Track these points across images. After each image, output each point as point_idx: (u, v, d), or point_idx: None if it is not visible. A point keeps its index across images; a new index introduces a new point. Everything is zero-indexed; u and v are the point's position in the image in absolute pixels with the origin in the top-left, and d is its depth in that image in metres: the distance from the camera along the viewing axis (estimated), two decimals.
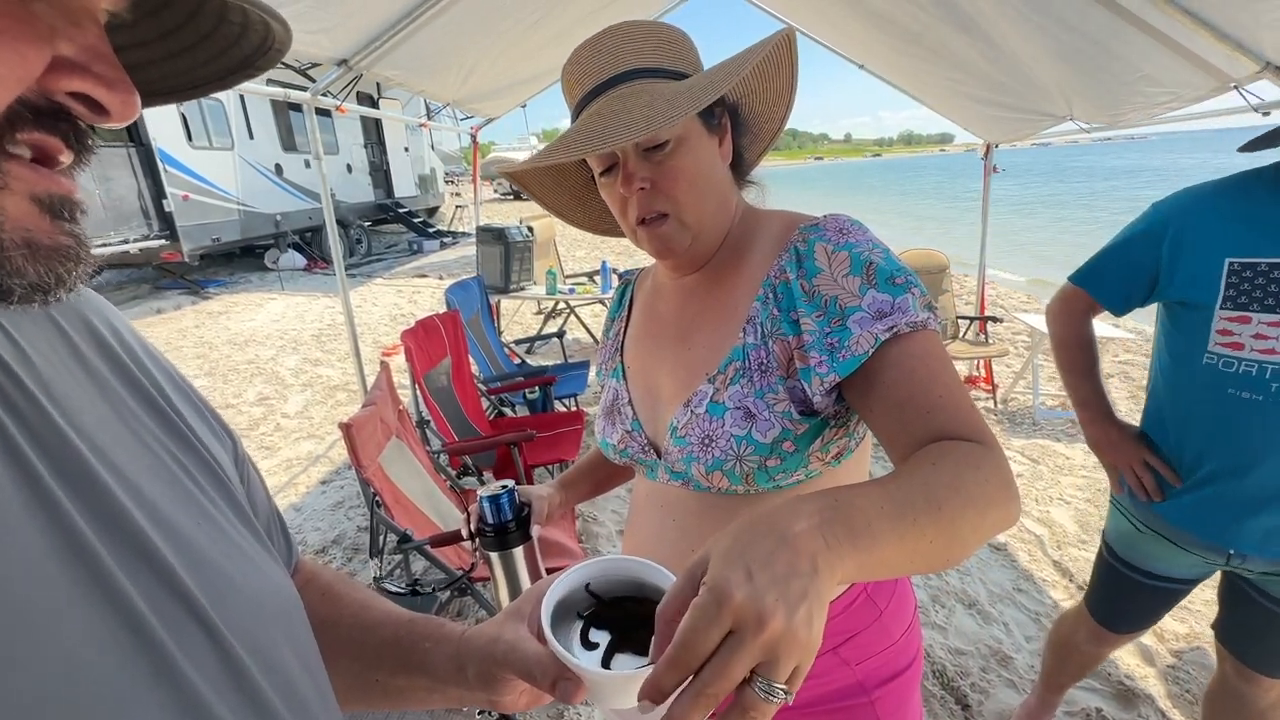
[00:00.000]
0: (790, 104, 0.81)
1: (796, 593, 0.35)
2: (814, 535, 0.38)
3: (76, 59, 0.28)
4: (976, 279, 4.67)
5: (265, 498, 0.52)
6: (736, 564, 0.36)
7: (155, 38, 0.34)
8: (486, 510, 0.82)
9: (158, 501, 0.36)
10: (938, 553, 0.46)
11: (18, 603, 0.27)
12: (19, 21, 0.26)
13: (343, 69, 2.78)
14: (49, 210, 0.28)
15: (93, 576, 0.30)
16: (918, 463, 0.53)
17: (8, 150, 0.27)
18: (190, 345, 6.68)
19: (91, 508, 0.32)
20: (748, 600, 0.34)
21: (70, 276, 0.30)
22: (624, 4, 3.78)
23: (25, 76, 0.26)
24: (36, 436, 0.32)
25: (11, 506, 0.29)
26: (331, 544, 2.95)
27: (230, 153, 9.76)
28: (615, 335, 0.94)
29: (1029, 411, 4.16)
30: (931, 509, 0.46)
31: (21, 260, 0.27)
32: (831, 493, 0.43)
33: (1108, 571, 1.45)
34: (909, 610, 0.83)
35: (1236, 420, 1.16)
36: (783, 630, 0.34)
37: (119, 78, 0.29)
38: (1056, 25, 2.39)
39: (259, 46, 0.35)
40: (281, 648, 0.39)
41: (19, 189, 0.27)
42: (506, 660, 0.46)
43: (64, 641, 0.28)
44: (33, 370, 0.34)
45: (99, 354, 0.40)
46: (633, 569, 0.49)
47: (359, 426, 1.88)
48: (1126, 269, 1.29)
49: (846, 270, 0.66)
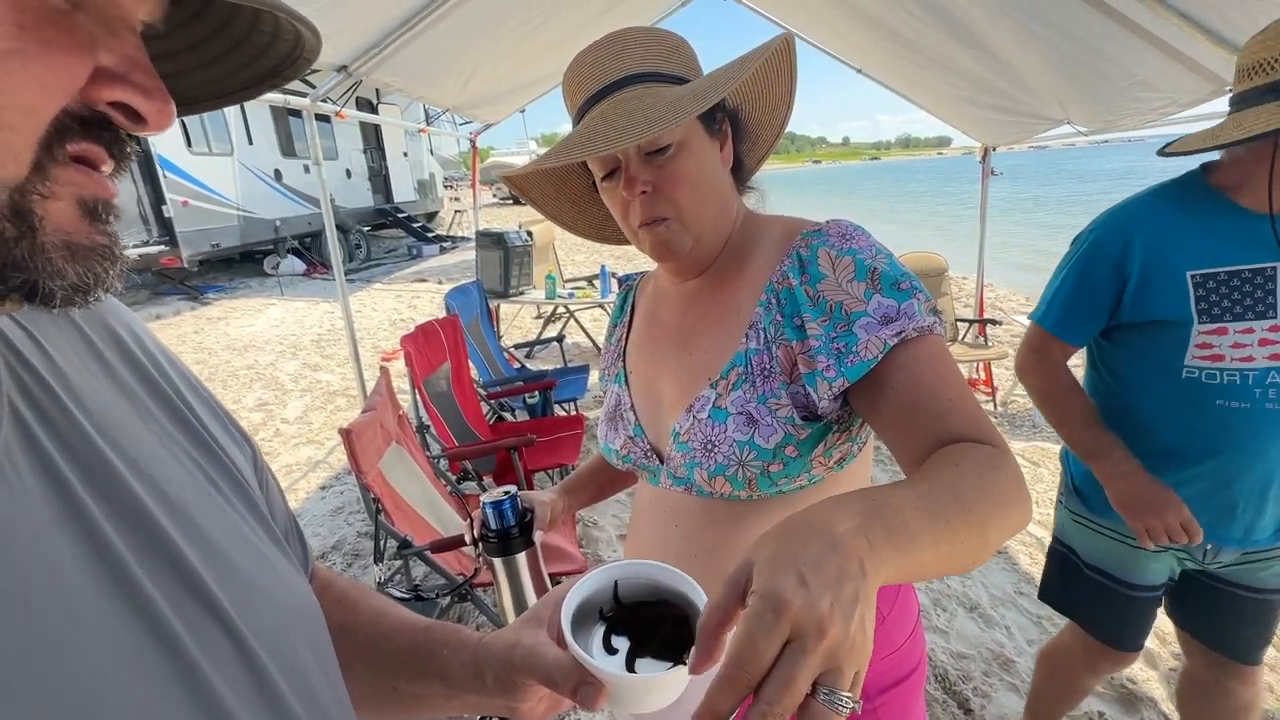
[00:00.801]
0: (789, 110, 0.82)
1: (850, 596, 0.34)
2: (859, 536, 0.38)
3: (116, 69, 0.28)
4: (975, 281, 4.68)
5: (283, 505, 0.52)
6: (788, 570, 0.34)
7: (186, 48, 0.35)
8: (489, 516, 0.82)
9: (183, 506, 0.36)
10: (968, 554, 0.46)
11: (46, 610, 0.27)
12: (64, 32, 0.26)
13: (342, 75, 2.79)
14: (90, 213, 0.29)
15: (119, 583, 0.30)
16: (942, 464, 0.53)
17: (57, 159, 0.27)
18: (189, 351, 6.67)
19: (119, 513, 0.32)
20: (805, 607, 0.32)
21: (108, 276, 0.30)
22: (622, 10, 3.80)
23: (71, 86, 0.27)
24: (65, 442, 0.32)
25: (41, 513, 0.29)
26: (331, 549, 2.95)
27: (230, 158, 9.77)
28: (617, 340, 0.94)
29: (1029, 414, 4.16)
30: (963, 510, 0.46)
31: (62, 262, 0.28)
32: (868, 493, 0.43)
33: (1102, 592, 1.38)
34: (912, 616, 0.83)
35: (1228, 429, 1.15)
36: (843, 636, 0.32)
37: (156, 86, 0.30)
38: (1051, 31, 2.40)
39: (288, 55, 0.35)
40: (303, 653, 0.40)
41: (66, 194, 0.28)
42: (526, 665, 0.46)
43: (91, 650, 0.28)
44: (59, 375, 0.34)
45: (122, 360, 0.40)
46: (650, 572, 0.49)
47: (359, 432, 1.88)
48: (1092, 302, 1.24)
49: (851, 275, 0.67)
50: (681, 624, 0.47)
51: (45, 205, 0.27)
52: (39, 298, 0.28)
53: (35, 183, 0.26)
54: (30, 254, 0.26)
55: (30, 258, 0.26)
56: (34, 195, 0.26)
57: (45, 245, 0.27)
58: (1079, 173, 47.47)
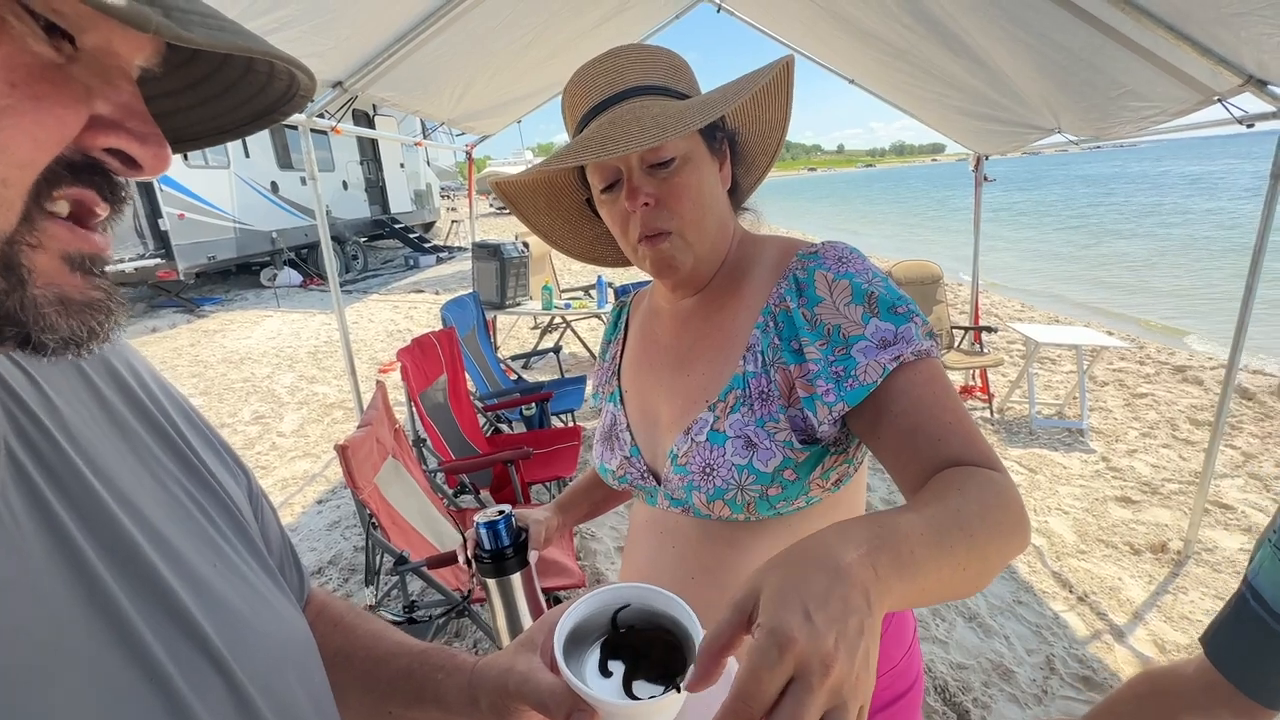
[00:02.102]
0: (784, 135, 0.83)
1: (855, 630, 0.34)
2: (865, 566, 0.37)
3: (112, 116, 0.29)
4: (970, 289, 4.70)
5: (279, 532, 0.52)
6: (793, 603, 0.34)
7: (184, 88, 0.35)
8: (483, 536, 0.81)
9: (176, 545, 0.37)
10: (969, 580, 0.47)
11: (40, 653, 0.27)
12: (57, 87, 0.26)
13: (338, 91, 2.80)
14: (79, 268, 0.29)
15: (112, 624, 0.31)
16: (944, 489, 0.53)
17: (46, 209, 0.27)
18: (185, 364, 6.65)
19: (113, 554, 0.32)
20: (810, 643, 0.32)
21: (103, 329, 0.30)
22: (616, 23, 3.83)
23: (64, 138, 0.27)
24: (59, 483, 0.32)
25: (35, 554, 0.29)
26: (328, 564, 2.93)
27: (226, 171, 9.79)
28: (612, 358, 0.94)
29: (1025, 420, 4.16)
30: (966, 537, 0.46)
31: (55, 316, 0.28)
32: (874, 520, 0.43)
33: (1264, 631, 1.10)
34: (909, 632, 0.83)
35: None
36: (848, 672, 0.32)
37: (151, 132, 0.30)
38: (1040, 41, 2.43)
39: (284, 94, 0.35)
40: (295, 690, 0.40)
41: (52, 247, 0.28)
42: (520, 692, 0.46)
43: (84, 691, 0.28)
44: (56, 414, 0.35)
45: (120, 396, 0.41)
46: (645, 597, 0.49)
47: (355, 448, 1.87)
48: None
49: (848, 299, 0.67)
50: (675, 650, 0.47)
51: (33, 256, 0.27)
52: (31, 347, 0.28)
53: (23, 233, 0.26)
54: (22, 307, 0.27)
55: (22, 310, 0.27)
56: (22, 247, 0.26)
57: (37, 299, 0.27)
58: (1069, 178, 47.89)
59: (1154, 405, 4.42)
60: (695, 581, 0.74)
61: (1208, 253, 12.45)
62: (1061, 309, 8.37)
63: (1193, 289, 9.58)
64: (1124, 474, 3.48)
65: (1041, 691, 2.04)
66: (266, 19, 2.04)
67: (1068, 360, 5.26)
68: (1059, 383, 4.89)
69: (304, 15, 2.16)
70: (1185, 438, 3.89)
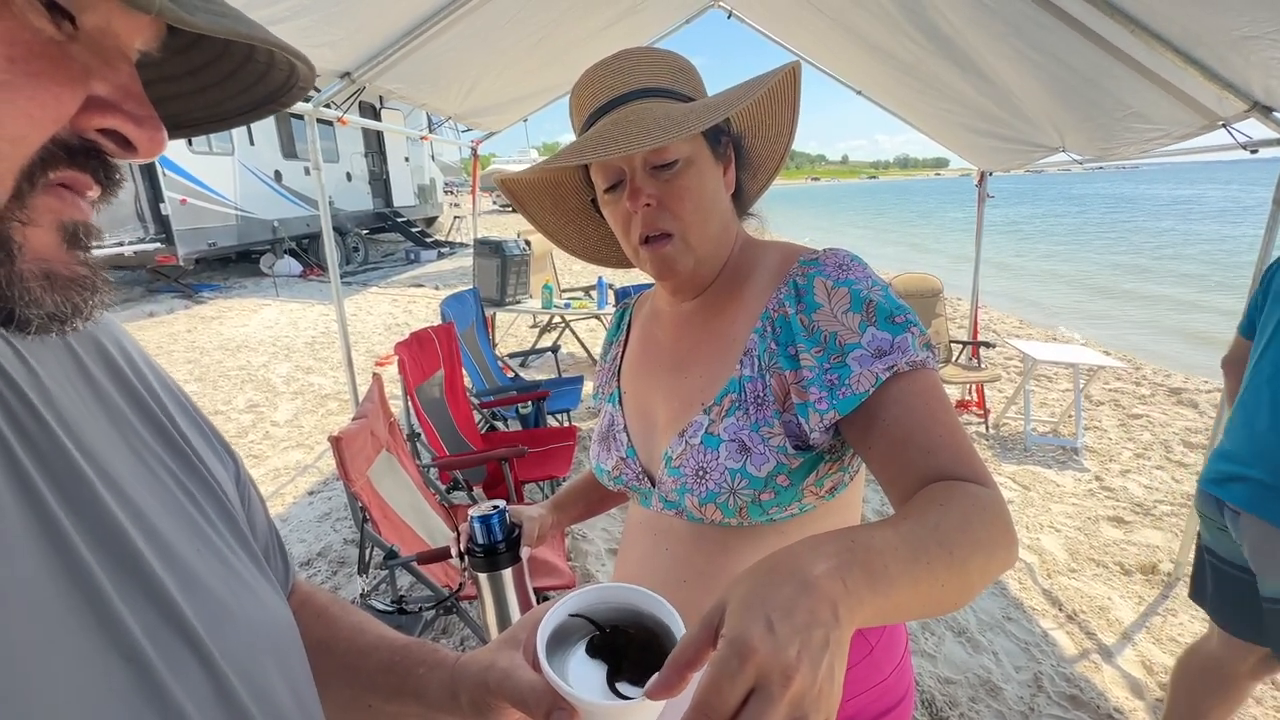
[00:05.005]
0: (790, 141, 0.83)
1: (819, 643, 0.34)
2: (834, 579, 0.37)
3: (109, 97, 0.29)
4: (969, 303, 4.71)
5: (265, 520, 0.52)
6: (756, 614, 0.34)
7: (183, 73, 0.35)
8: (477, 530, 0.81)
9: (159, 526, 0.36)
10: (948, 597, 0.46)
11: (14, 629, 0.27)
12: (55, 65, 0.26)
13: (345, 81, 2.80)
14: (70, 238, 0.29)
15: (91, 603, 0.30)
16: (926, 504, 0.52)
17: (37, 187, 0.27)
18: (181, 350, 6.63)
19: (94, 533, 0.32)
20: (771, 654, 0.32)
21: (87, 306, 0.30)
22: (626, 25, 3.84)
23: (60, 117, 0.27)
24: (43, 459, 0.32)
25: (14, 529, 0.29)
26: (317, 556, 2.91)
27: (230, 158, 9.78)
28: (613, 359, 0.94)
29: (1020, 437, 4.17)
30: (944, 552, 0.46)
31: (40, 291, 0.28)
32: (848, 534, 0.42)
33: (1245, 589, 1.42)
34: (899, 646, 0.82)
35: None
36: (809, 684, 0.32)
37: (148, 114, 0.30)
38: (1048, 61, 2.44)
39: (283, 83, 0.36)
40: (273, 676, 0.40)
41: (46, 220, 0.28)
42: (500, 689, 0.46)
43: (59, 669, 0.28)
44: (43, 392, 0.34)
45: (108, 376, 0.41)
46: (629, 597, 0.49)
47: (349, 440, 1.87)
48: None
49: (846, 307, 0.67)
50: (659, 652, 0.46)
51: (24, 232, 0.27)
52: (14, 324, 0.28)
53: (14, 209, 0.26)
54: (8, 282, 0.27)
55: (8, 285, 0.27)
56: (12, 222, 0.26)
57: (23, 273, 0.27)
58: (1075, 197, 48.16)
59: (1149, 426, 4.43)
60: (687, 585, 0.74)
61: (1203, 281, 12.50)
62: (1061, 322, 8.42)
63: (1188, 307, 9.63)
64: (1117, 494, 3.49)
65: (1028, 709, 2.04)
66: (278, 7, 2.04)
67: (1064, 378, 5.27)
68: (1055, 400, 4.90)
69: (316, 4, 2.15)
70: (1179, 460, 3.90)
